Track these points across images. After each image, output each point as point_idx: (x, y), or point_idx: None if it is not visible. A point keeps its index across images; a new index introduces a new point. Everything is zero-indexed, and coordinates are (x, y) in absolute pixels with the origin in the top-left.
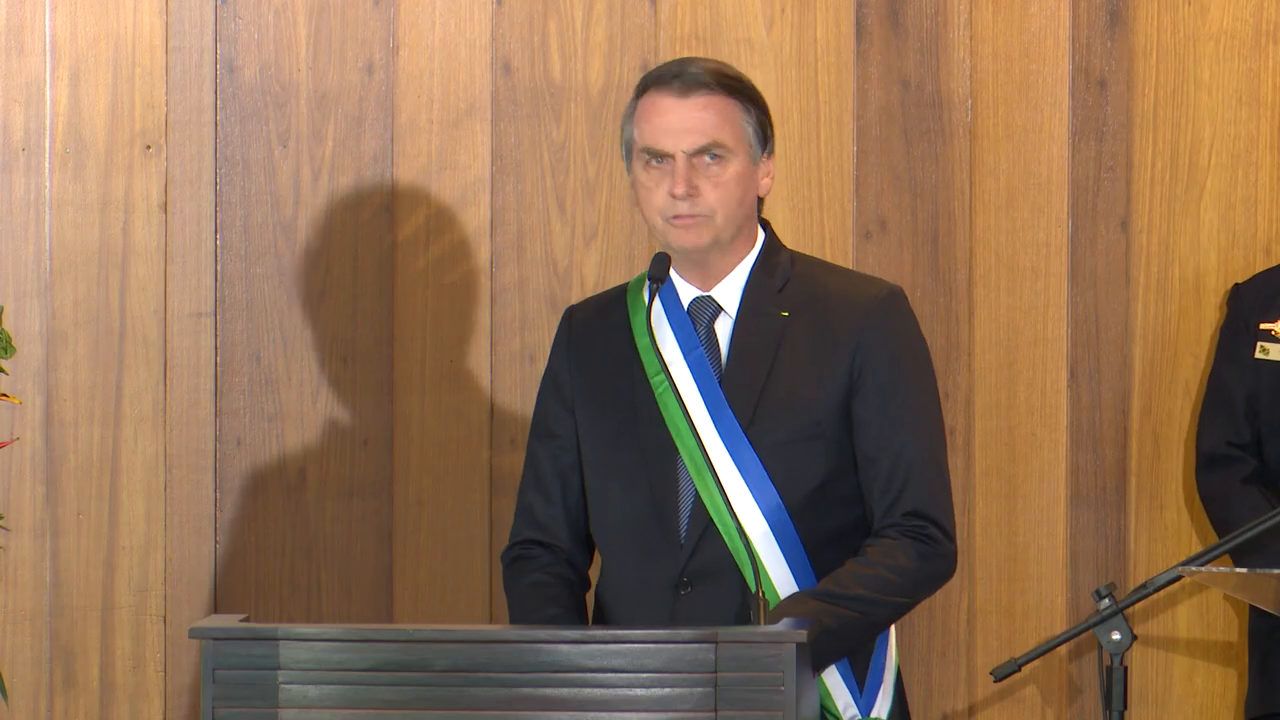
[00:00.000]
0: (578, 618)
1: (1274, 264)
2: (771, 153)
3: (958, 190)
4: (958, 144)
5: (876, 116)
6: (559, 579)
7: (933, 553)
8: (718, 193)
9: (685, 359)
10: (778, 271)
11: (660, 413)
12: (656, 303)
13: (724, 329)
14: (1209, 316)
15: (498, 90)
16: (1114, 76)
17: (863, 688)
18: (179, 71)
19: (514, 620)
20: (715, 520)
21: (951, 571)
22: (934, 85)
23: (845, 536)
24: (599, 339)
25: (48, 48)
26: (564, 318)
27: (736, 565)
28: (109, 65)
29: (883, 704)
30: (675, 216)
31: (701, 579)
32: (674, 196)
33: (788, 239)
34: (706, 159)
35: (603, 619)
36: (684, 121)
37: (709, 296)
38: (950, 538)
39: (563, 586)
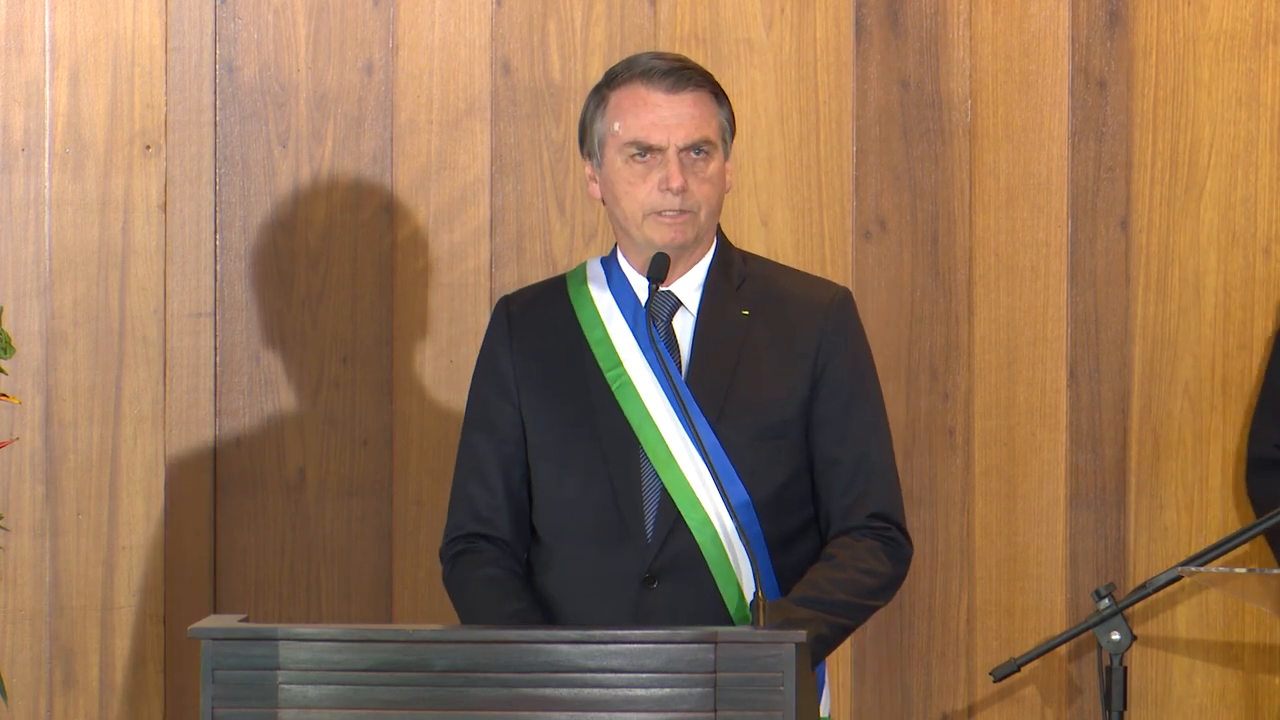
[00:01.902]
0: (539, 612)
1: (1274, 264)
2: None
3: (958, 190)
4: (958, 144)
5: (876, 116)
6: (512, 574)
7: (898, 556)
8: (704, 189)
9: (644, 354)
10: (734, 269)
11: (618, 405)
12: (609, 296)
13: (683, 325)
14: (1209, 316)
15: (497, 90)
16: (1114, 76)
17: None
18: (179, 71)
19: (467, 617)
20: (685, 516)
21: (907, 572)
22: (934, 85)
23: (799, 537)
24: (542, 329)
25: (48, 48)
26: (500, 307)
27: (705, 561)
28: (109, 65)
29: (826, 702)
30: (663, 211)
31: (668, 575)
32: (670, 190)
33: (787, 239)
34: (693, 154)
35: (552, 614)
36: (677, 116)
37: (668, 291)
38: (909, 540)
39: (519, 581)
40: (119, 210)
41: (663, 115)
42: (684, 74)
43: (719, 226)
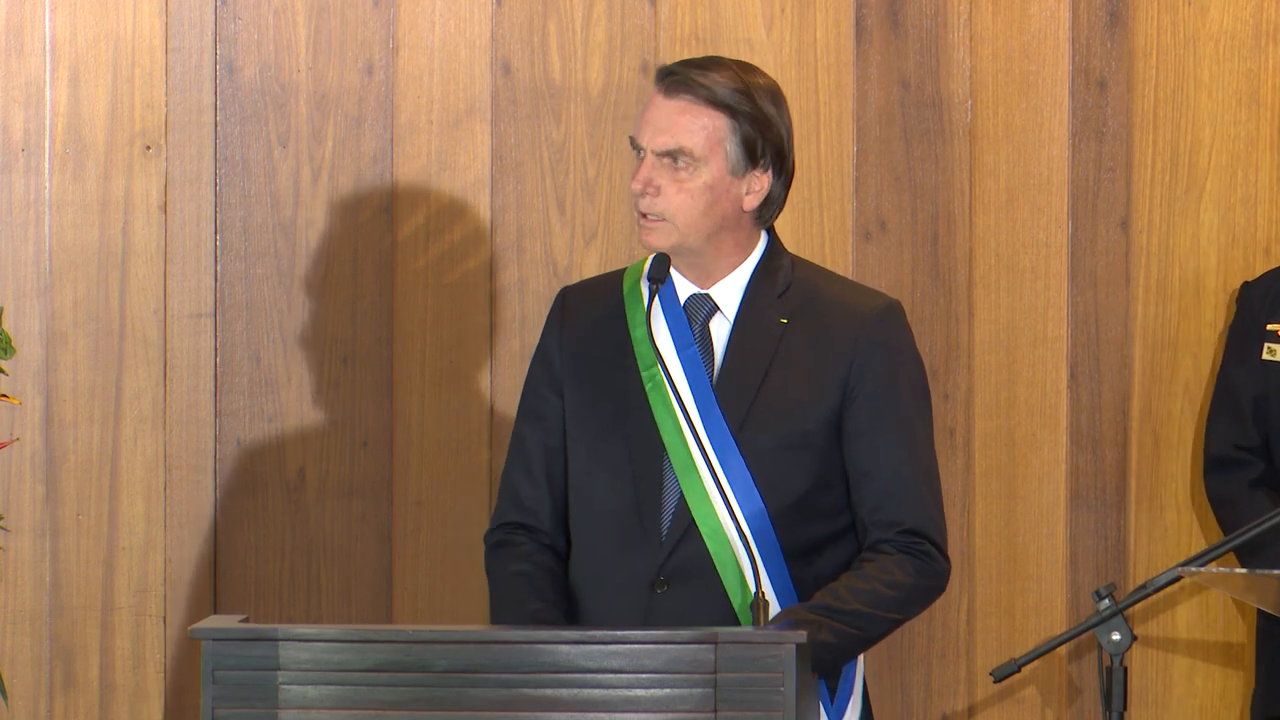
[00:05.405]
0: (560, 612)
1: (1275, 265)
2: (768, 168)
3: (958, 190)
4: (958, 144)
5: (876, 116)
6: (542, 569)
7: (928, 569)
8: (679, 198)
9: (678, 355)
10: (779, 276)
11: (650, 407)
12: (655, 301)
13: (719, 329)
14: (1209, 317)
15: (497, 90)
16: (1114, 77)
17: (834, 697)
18: (179, 72)
19: (495, 607)
20: (697, 521)
21: (944, 588)
22: (934, 85)
23: (823, 549)
24: (592, 324)
25: (48, 48)
26: (558, 298)
27: (714, 567)
28: (109, 65)
29: (852, 714)
30: (641, 214)
31: (678, 578)
32: (633, 191)
33: (787, 239)
34: (673, 162)
35: (576, 611)
36: (659, 120)
37: (706, 294)
38: (944, 554)
39: (546, 578)
40: (119, 211)
41: (651, 116)
42: (683, 79)
43: (773, 231)
